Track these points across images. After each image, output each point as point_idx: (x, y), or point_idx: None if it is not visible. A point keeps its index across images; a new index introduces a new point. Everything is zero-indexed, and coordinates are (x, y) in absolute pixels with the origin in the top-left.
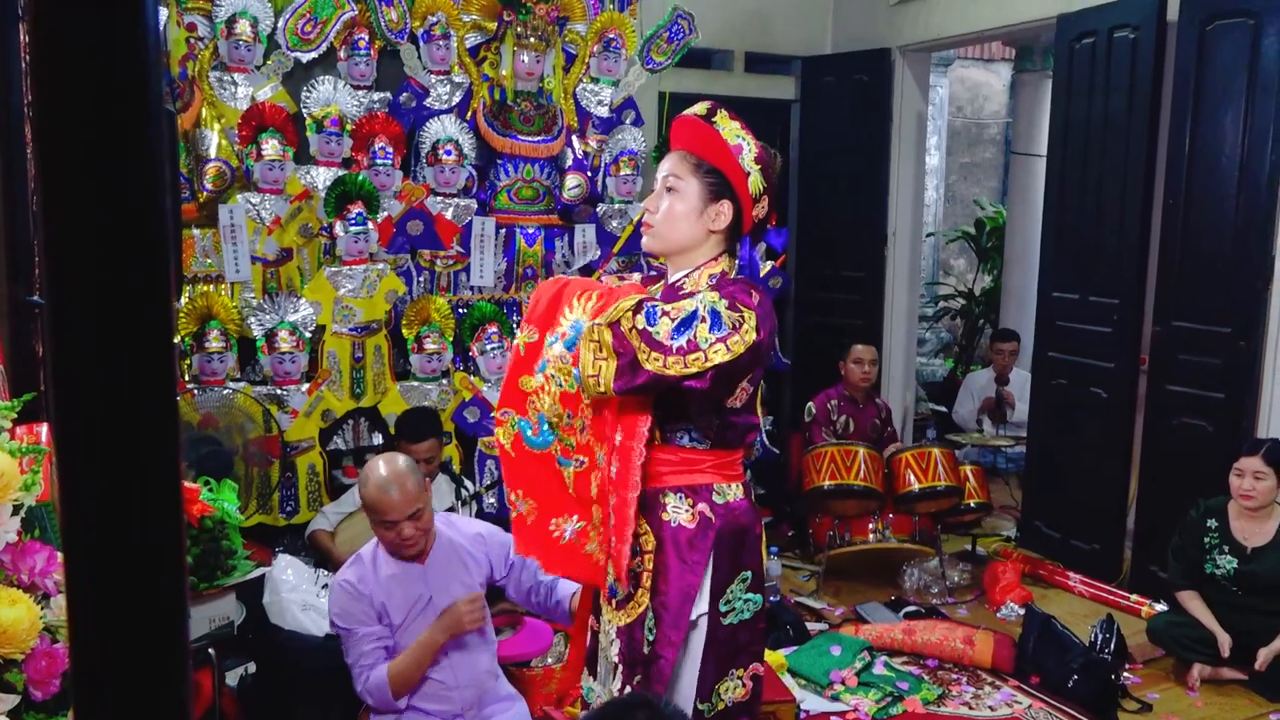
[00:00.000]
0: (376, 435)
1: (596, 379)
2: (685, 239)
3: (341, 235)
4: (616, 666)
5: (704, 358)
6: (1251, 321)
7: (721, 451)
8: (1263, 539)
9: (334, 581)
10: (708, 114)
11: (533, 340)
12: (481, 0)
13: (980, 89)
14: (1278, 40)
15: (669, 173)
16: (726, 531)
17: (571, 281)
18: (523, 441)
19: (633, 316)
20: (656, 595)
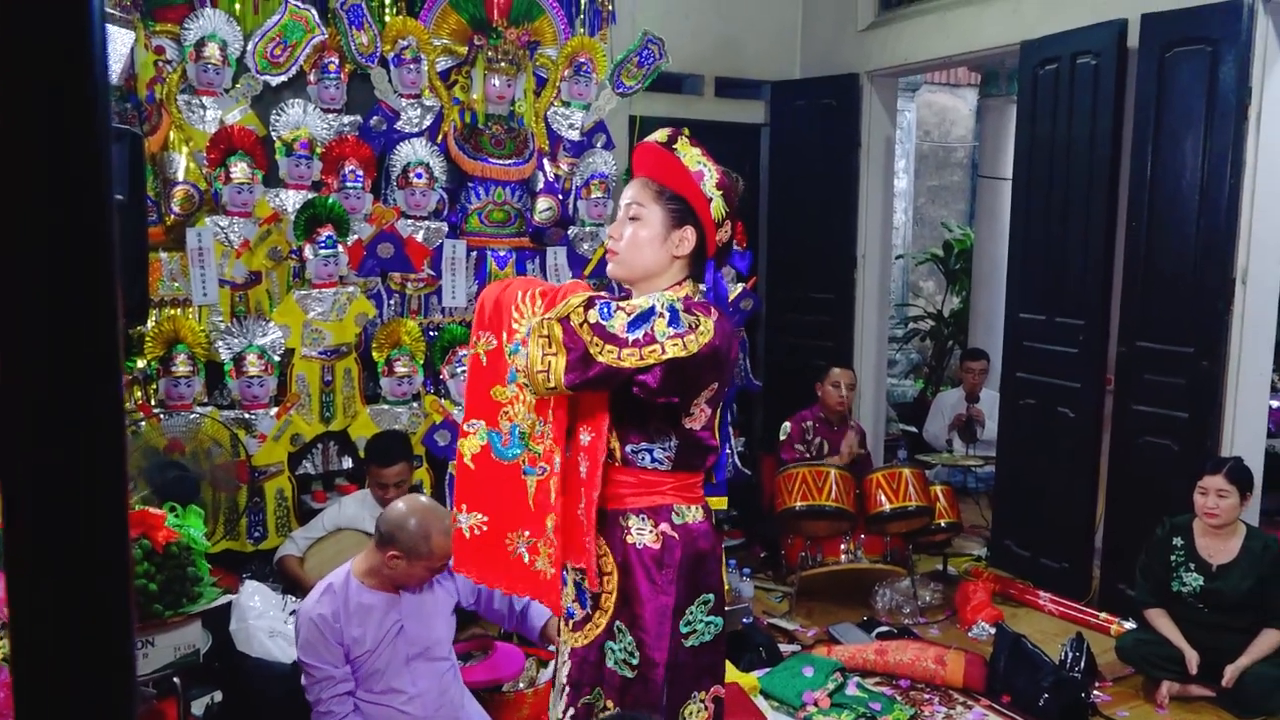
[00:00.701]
0: (346, 459)
1: (547, 374)
2: (650, 265)
3: (311, 258)
4: (564, 688)
5: (660, 349)
6: (1213, 342)
7: (682, 474)
8: (1227, 556)
9: (304, 613)
10: (668, 141)
11: (492, 347)
12: (452, 24)
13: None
14: (1234, 67)
15: (632, 200)
16: (686, 553)
17: (513, 281)
18: (490, 453)
19: (584, 311)
20: (632, 619)
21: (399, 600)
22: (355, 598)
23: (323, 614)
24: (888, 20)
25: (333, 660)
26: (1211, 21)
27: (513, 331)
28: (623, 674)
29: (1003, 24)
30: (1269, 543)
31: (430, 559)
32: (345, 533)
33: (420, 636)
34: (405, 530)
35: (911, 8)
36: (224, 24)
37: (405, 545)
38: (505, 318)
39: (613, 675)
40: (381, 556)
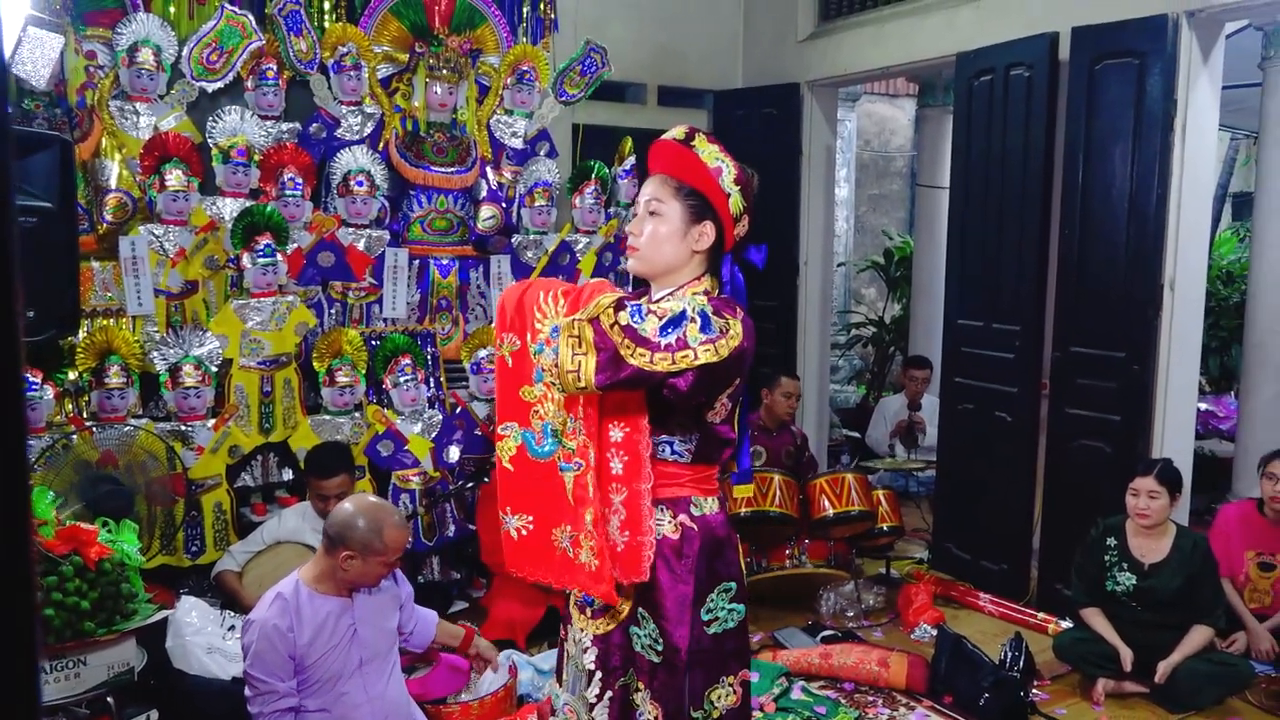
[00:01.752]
0: (286, 471)
1: (576, 374)
2: (670, 260)
3: (249, 267)
4: (593, 673)
5: (693, 355)
6: (1144, 346)
7: (701, 466)
8: (1158, 555)
9: (257, 622)
10: (686, 138)
11: (516, 348)
12: (393, 31)
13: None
14: (1161, 79)
15: (651, 197)
16: (704, 543)
17: (534, 282)
18: (526, 453)
19: (614, 313)
20: (654, 607)
21: (351, 604)
22: (307, 605)
23: (277, 625)
24: (827, 31)
25: (280, 674)
26: (1138, 35)
27: (536, 332)
28: (650, 658)
29: (939, 36)
30: (1198, 541)
31: (385, 553)
32: (284, 546)
33: (372, 639)
34: (356, 529)
35: (850, 19)
36: (158, 29)
37: (359, 543)
38: (528, 318)
39: (641, 659)
40: (335, 560)
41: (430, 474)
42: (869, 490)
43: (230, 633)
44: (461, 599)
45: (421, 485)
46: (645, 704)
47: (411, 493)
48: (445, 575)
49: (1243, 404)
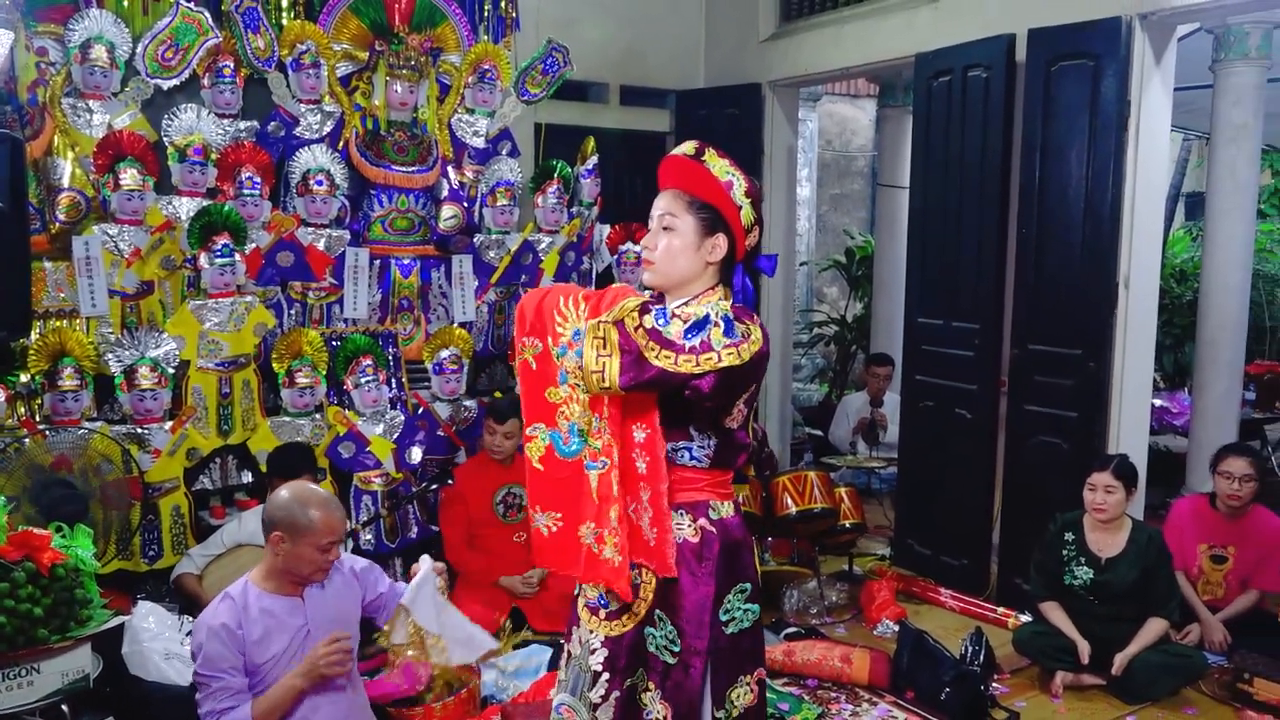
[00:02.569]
0: (246, 473)
1: (601, 374)
2: (684, 272)
3: (206, 267)
4: (599, 674)
5: (717, 358)
6: (1100, 344)
7: (718, 471)
8: (1115, 549)
9: (202, 624)
10: (697, 153)
11: (539, 351)
12: (352, 29)
13: (848, 123)
14: (1115, 81)
15: (664, 211)
16: (723, 546)
17: (554, 289)
18: (554, 453)
19: (639, 316)
20: (673, 610)
21: (302, 604)
22: (256, 604)
23: (224, 623)
24: (788, 32)
25: (230, 669)
26: (1093, 37)
27: (558, 335)
28: (664, 659)
29: (898, 37)
30: (1153, 535)
31: (313, 533)
32: (245, 549)
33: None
34: (282, 508)
35: (811, 20)
36: (111, 25)
37: (285, 523)
38: (549, 322)
39: (655, 660)
40: (270, 548)
41: (392, 475)
42: (831, 488)
43: (189, 638)
44: None
45: (384, 487)
46: (654, 704)
47: (374, 494)
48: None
49: (1196, 400)
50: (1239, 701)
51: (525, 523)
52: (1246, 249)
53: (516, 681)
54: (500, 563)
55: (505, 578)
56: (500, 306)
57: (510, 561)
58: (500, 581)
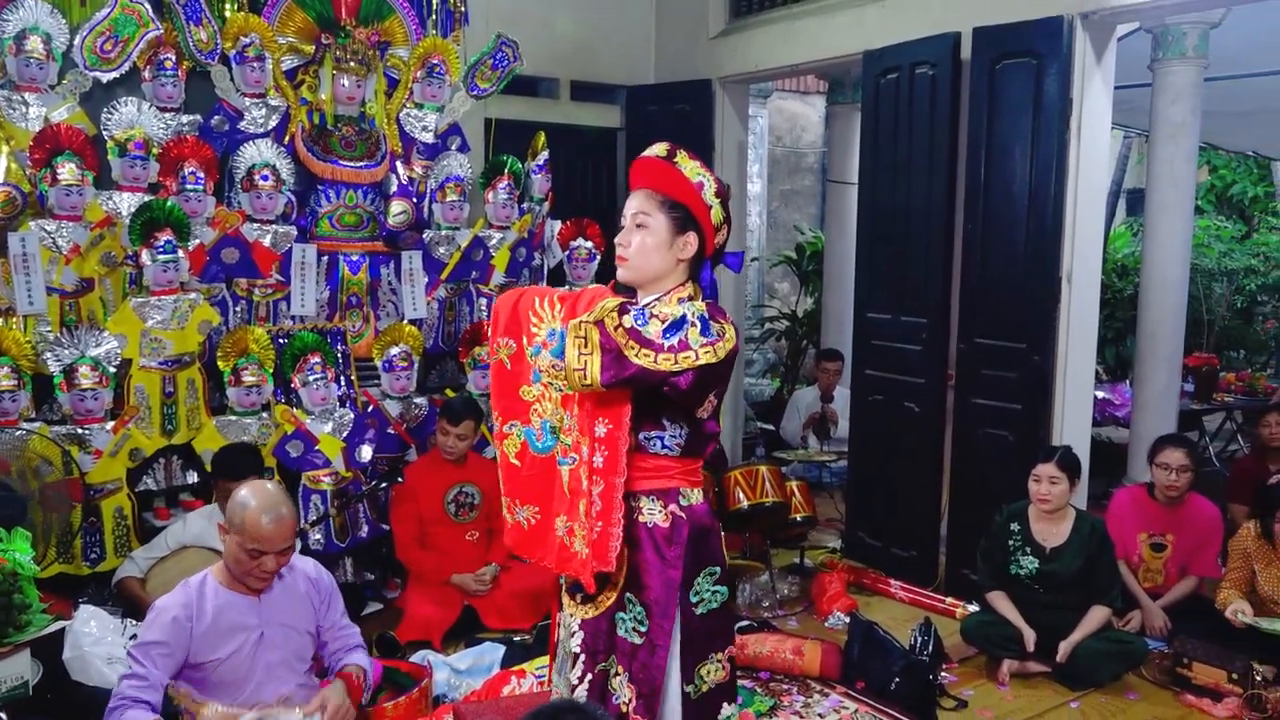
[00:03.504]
0: (191, 474)
1: (583, 372)
2: (657, 269)
3: (149, 264)
4: (577, 656)
5: (695, 356)
6: (1043, 337)
7: (688, 459)
8: (1059, 539)
9: (158, 603)
10: (669, 155)
11: (513, 351)
12: (298, 22)
13: (798, 120)
14: (1057, 79)
15: (637, 210)
16: (692, 531)
17: (528, 291)
18: (529, 449)
19: (618, 316)
20: (642, 591)
21: (258, 605)
22: (212, 599)
23: (176, 616)
24: (738, 28)
25: (158, 661)
26: (1035, 36)
27: (532, 335)
28: (632, 640)
29: (846, 34)
30: (1095, 524)
31: (243, 534)
32: (190, 551)
33: (282, 643)
34: (234, 501)
35: (761, 16)
36: (47, 16)
37: (229, 516)
38: (524, 323)
39: (623, 642)
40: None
41: (342, 474)
42: (783, 481)
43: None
44: (376, 600)
45: (333, 486)
46: (622, 687)
47: (323, 493)
48: (359, 576)
49: (1136, 392)
50: (1178, 685)
51: (477, 521)
52: (1185, 244)
53: (469, 680)
54: (452, 561)
55: (457, 576)
56: (451, 303)
57: (462, 560)
58: (452, 580)
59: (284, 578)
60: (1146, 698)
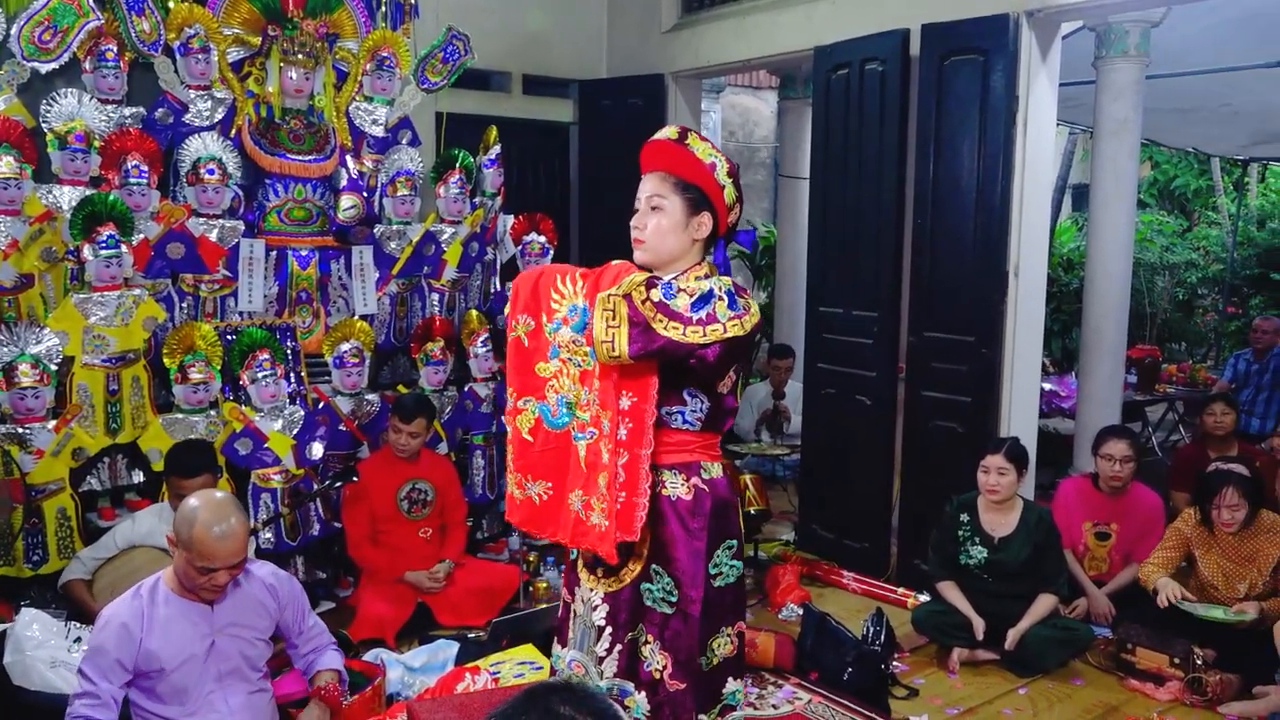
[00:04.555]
0: (137, 473)
1: (611, 344)
2: (673, 250)
3: (91, 259)
4: (602, 628)
5: (722, 329)
6: (991, 331)
7: (708, 434)
8: (1007, 529)
9: (107, 611)
10: (680, 138)
11: (531, 328)
12: (244, 13)
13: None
14: (1004, 76)
15: (652, 193)
16: (714, 504)
17: (548, 268)
18: (544, 425)
19: (645, 290)
20: (670, 563)
21: (210, 613)
22: (163, 606)
23: (125, 623)
24: (690, 23)
25: (109, 676)
26: (982, 33)
27: (552, 311)
28: (662, 610)
29: (797, 30)
30: (1042, 514)
31: (190, 549)
32: (139, 551)
33: (233, 652)
34: (181, 514)
35: (713, 11)
36: None
37: (177, 529)
38: (543, 300)
39: (652, 612)
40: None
41: (293, 472)
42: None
43: (77, 645)
44: (328, 599)
45: (283, 484)
46: (654, 655)
47: (273, 492)
48: (310, 575)
49: (1081, 384)
50: (1123, 670)
51: (430, 518)
52: (1128, 239)
53: (422, 677)
54: (405, 559)
55: (411, 573)
56: (402, 298)
57: (415, 557)
58: (405, 577)
59: (240, 585)
60: (1092, 683)
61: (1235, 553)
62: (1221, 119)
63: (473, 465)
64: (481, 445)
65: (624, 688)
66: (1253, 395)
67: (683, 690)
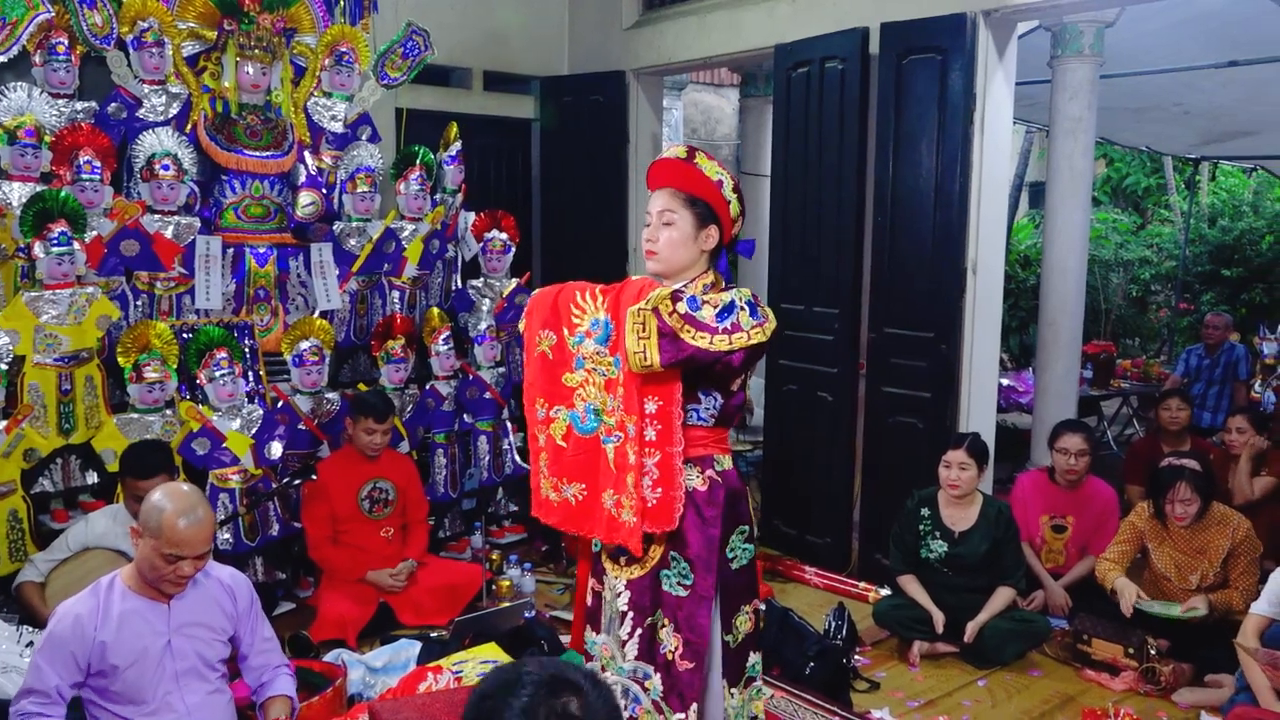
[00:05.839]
0: (91, 474)
1: (643, 354)
2: (684, 261)
3: (42, 257)
4: (625, 613)
5: (746, 337)
6: (950, 327)
7: (720, 429)
8: (967, 523)
9: (62, 607)
10: (689, 157)
11: (554, 341)
12: (199, 7)
13: (712, 112)
14: (961, 75)
15: (664, 208)
16: (727, 494)
17: (566, 286)
18: (574, 431)
19: (672, 303)
20: (685, 548)
21: (167, 611)
22: (119, 603)
23: (79, 614)
24: (651, 20)
25: (60, 671)
26: (940, 32)
27: (574, 325)
28: (677, 594)
29: (758, 28)
30: (1001, 508)
31: (159, 538)
32: (93, 553)
33: (190, 651)
34: (148, 503)
35: (674, 8)
36: None
37: (143, 518)
38: (564, 315)
39: (669, 596)
40: (132, 540)
41: (251, 472)
42: None
43: (28, 650)
44: (288, 599)
45: (242, 484)
46: (668, 637)
47: (231, 492)
48: (270, 576)
49: (1038, 379)
50: (1079, 661)
51: (392, 517)
52: (1083, 236)
53: (384, 678)
54: (366, 558)
55: (372, 573)
56: (363, 296)
57: (377, 556)
58: (367, 577)
59: (198, 583)
60: (1049, 674)
61: (1187, 545)
62: (1173, 118)
63: (434, 464)
64: (443, 444)
65: (645, 670)
66: (1204, 389)
67: (691, 670)
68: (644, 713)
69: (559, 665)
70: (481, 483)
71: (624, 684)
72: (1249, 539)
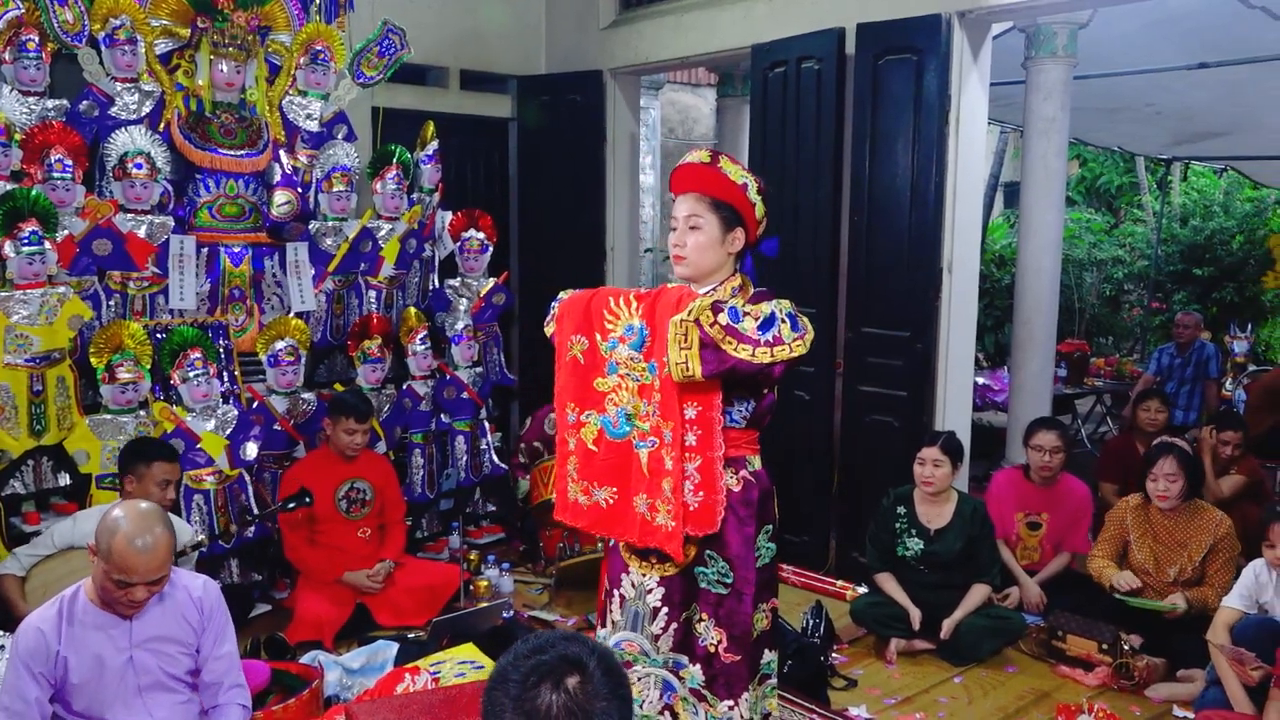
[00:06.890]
0: (63, 476)
1: (685, 365)
2: (711, 264)
3: (12, 256)
4: (658, 610)
5: (788, 350)
6: (925, 326)
7: (752, 431)
8: (942, 521)
9: (26, 621)
10: (713, 161)
11: (586, 346)
12: (172, 4)
13: (689, 112)
14: (936, 75)
15: (690, 213)
16: (760, 492)
17: (599, 291)
18: (605, 435)
19: (713, 315)
20: (724, 548)
21: (129, 627)
22: (81, 617)
23: (40, 629)
24: (628, 19)
25: (24, 688)
26: (915, 33)
27: (607, 331)
28: (717, 591)
29: (735, 28)
30: (977, 506)
31: (109, 561)
32: (77, 552)
33: (153, 666)
34: (102, 522)
35: (651, 8)
36: None
37: (97, 539)
38: (596, 321)
39: (707, 593)
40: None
41: (226, 473)
42: None
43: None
44: (264, 601)
45: (216, 485)
46: (708, 631)
47: (205, 493)
48: (245, 578)
49: (1013, 377)
50: (1054, 658)
51: (369, 518)
52: (1057, 235)
53: (361, 679)
54: (344, 558)
55: (350, 574)
56: (339, 296)
57: (354, 557)
58: (345, 578)
59: (164, 596)
60: (1024, 670)
61: (1169, 537)
62: (1146, 119)
63: (411, 464)
64: (420, 444)
65: (679, 660)
66: (1175, 388)
67: (738, 662)
68: (679, 700)
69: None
70: (459, 483)
71: (658, 675)
72: (1230, 537)
